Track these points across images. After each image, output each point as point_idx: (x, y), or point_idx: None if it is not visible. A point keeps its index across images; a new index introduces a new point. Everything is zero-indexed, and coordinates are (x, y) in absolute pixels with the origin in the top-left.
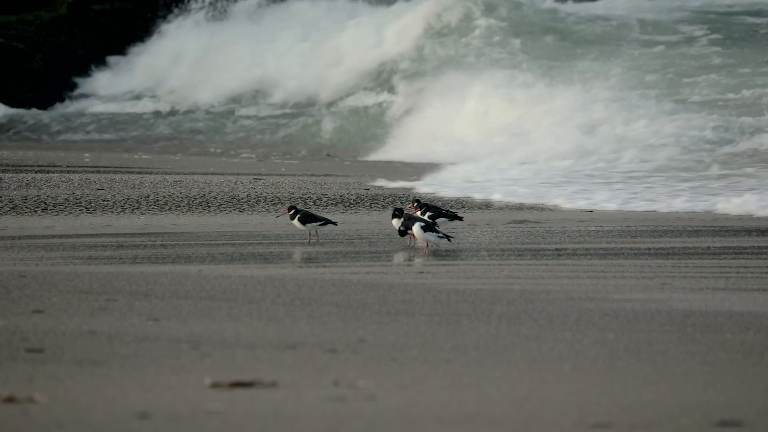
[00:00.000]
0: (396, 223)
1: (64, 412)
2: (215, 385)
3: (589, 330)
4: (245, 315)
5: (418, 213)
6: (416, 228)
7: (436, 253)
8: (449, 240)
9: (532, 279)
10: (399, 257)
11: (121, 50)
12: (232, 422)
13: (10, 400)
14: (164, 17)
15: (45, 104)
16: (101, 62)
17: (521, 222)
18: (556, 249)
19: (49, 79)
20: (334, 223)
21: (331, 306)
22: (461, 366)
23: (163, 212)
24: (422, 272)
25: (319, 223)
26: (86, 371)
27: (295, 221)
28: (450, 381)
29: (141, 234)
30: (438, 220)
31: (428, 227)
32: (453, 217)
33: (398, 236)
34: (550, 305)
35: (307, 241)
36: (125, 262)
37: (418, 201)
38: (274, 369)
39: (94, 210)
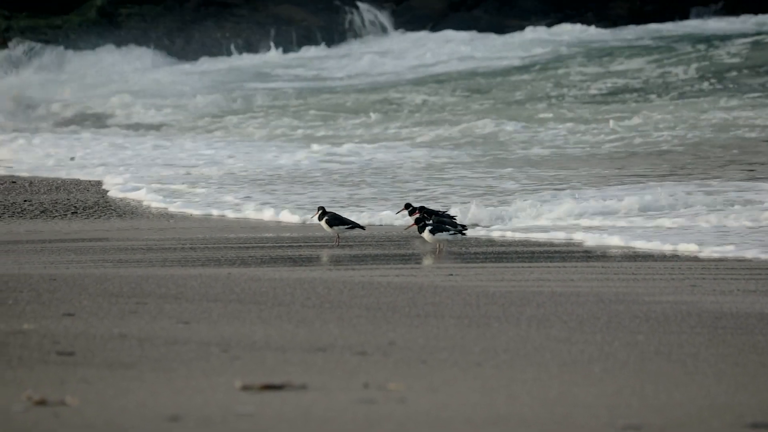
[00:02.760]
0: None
1: (95, 415)
2: (245, 388)
3: (620, 332)
4: (275, 318)
5: (404, 212)
6: (426, 233)
7: (464, 256)
8: (464, 233)
9: (561, 281)
10: (428, 259)
11: None
12: (263, 425)
13: (41, 403)
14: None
15: None
16: None
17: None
18: (585, 251)
19: None
20: (362, 228)
21: (360, 309)
22: (491, 368)
23: None
24: (451, 274)
25: (346, 226)
26: (117, 374)
27: (323, 223)
28: (480, 383)
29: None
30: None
31: (437, 228)
32: (439, 214)
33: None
34: (579, 307)
35: (336, 243)
36: (155, 265)
37: (409, 205)
38: (304, 372)
39: (123, 213)
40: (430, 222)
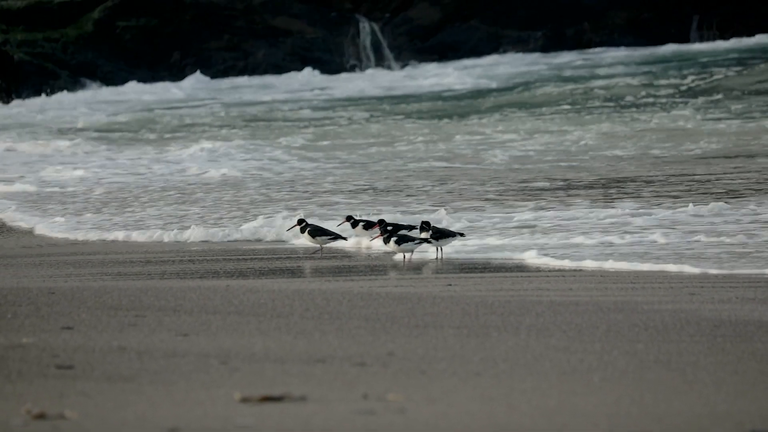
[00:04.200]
0: (425, 235)
1: (94, 428)
2: (245, 400)
3: (619, 341)
4: (274, 329)
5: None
6: (391, 243)
7: (463, 266)
8: (430, 242)
9: (560, 290)
10: (427, 270)
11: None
12: None
13: (41, 416)
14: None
15: None
16: None
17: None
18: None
19: None
20: (344, 239)
21: (359, 319)
22: (490, 378)
23: None
24: (450, 284)
25: (328, 237)
26: (116, 387)
27: (305, 235)
28: (479, 393)
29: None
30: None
31: (402, 239)
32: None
33: (426, 250)
34: (578, 317)
35: (319, 255)
36: (154, 278)
37: (350, 216)
38: (303, 383)
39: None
40: (395, 233)
